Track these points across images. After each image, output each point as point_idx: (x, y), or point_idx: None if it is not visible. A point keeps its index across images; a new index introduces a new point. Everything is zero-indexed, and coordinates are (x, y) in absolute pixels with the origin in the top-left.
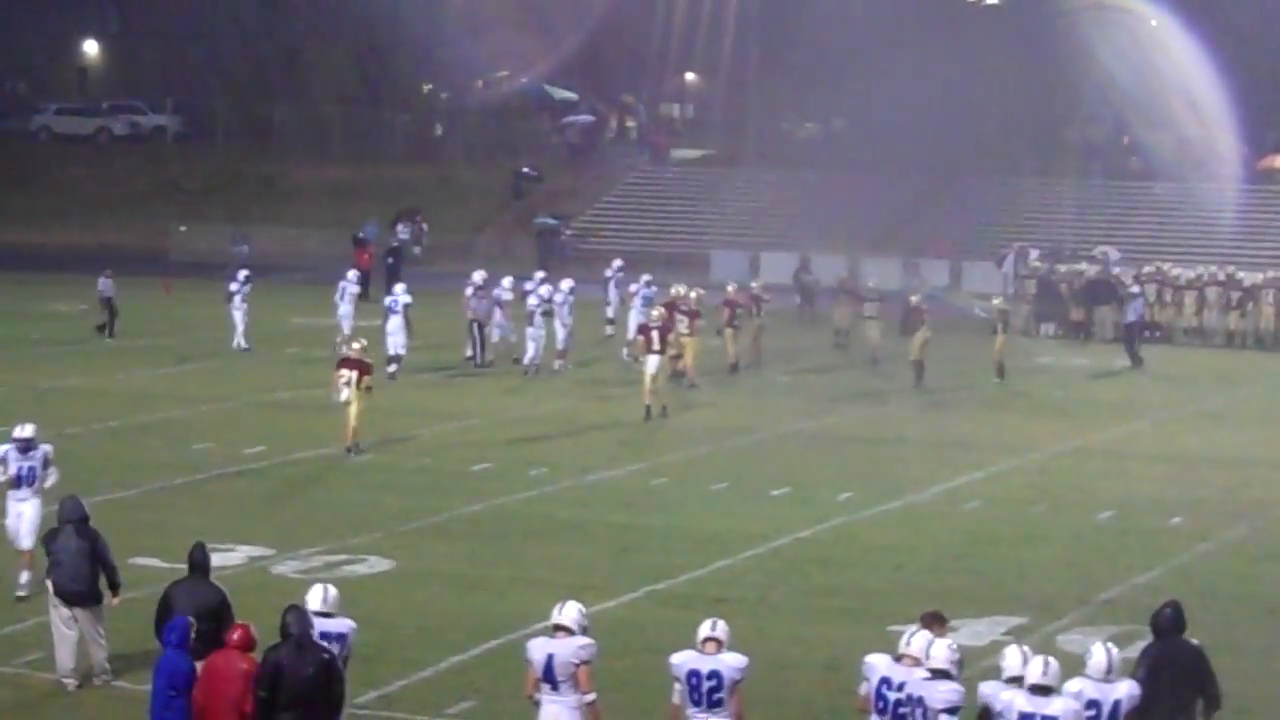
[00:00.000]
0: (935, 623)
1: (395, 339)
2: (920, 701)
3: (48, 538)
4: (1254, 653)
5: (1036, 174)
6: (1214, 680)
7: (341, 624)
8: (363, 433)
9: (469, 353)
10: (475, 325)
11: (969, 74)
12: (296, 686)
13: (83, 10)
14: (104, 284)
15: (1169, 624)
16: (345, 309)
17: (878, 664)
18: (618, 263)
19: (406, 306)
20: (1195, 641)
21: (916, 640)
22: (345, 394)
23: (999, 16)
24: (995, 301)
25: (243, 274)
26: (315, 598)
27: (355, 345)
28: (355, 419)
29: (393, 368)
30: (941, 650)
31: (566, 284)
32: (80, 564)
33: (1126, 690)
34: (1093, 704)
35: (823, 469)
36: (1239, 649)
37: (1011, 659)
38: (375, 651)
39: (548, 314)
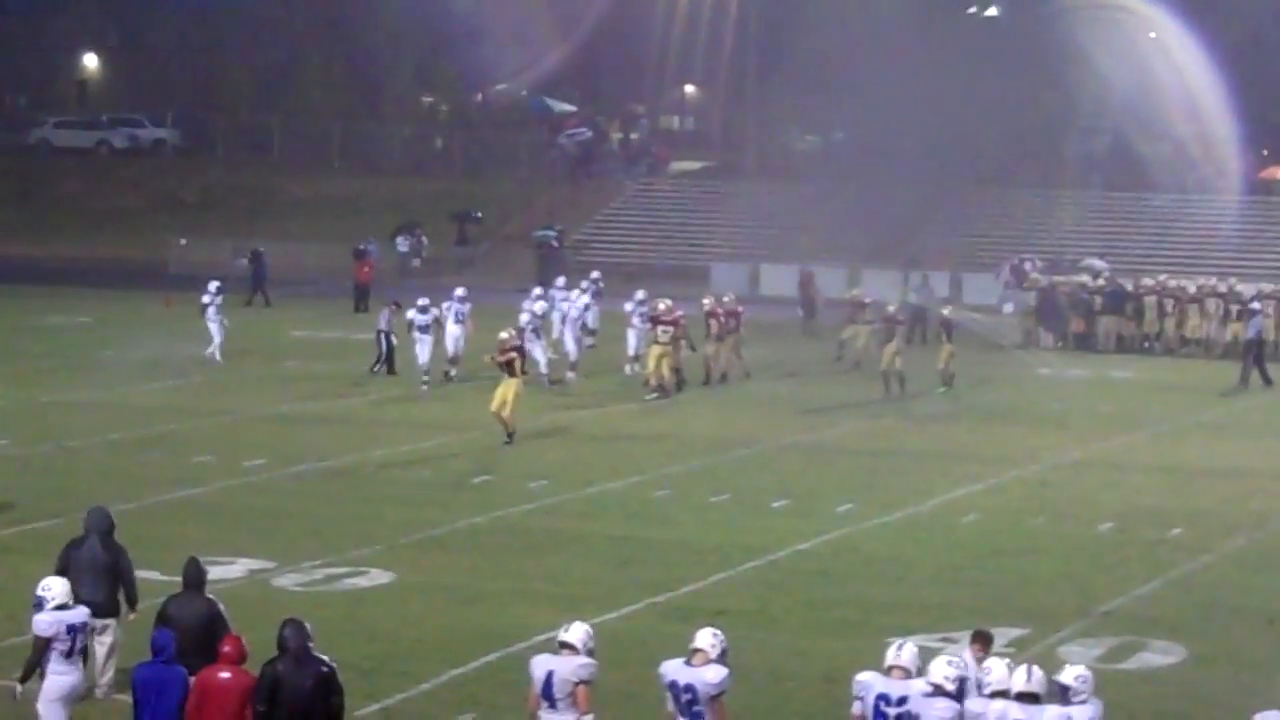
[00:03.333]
0: (982, 642)
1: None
2: (917, 719)
3: (68, 546)
4: (1253, 664)
5: (1036, 185)
6: None
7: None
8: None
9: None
10: (382, 335)
11: (968, 85)
12: (295, 700)
13: (82, 24)
14: (385, 316)
15: None
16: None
17: (872, 682)
18: (595, 274)
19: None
20: None
21: (905, 652)
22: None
23: (997, 28)
24: (945, 311)
25: (214, 285)
26: None
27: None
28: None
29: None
30: (941, 667)
31: (582, 300)
32: (100, 576)
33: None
34: None
35: (823, 481)
36: (1238, 660)
37: (997, 672)
38: (375, 664)
39: (535, 330)
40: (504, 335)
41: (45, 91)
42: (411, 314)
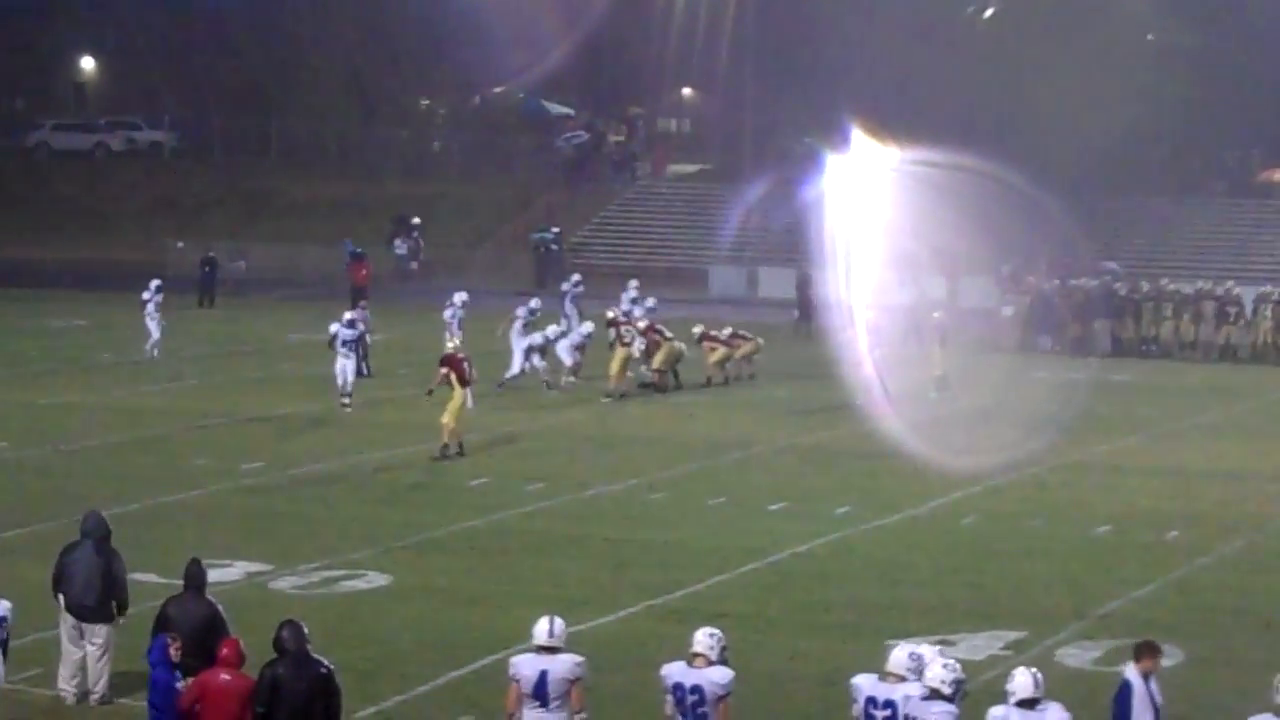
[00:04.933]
0: (1148, 653)
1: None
2: None
3: (64, 550)
4: (1251, 666)
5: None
6: None
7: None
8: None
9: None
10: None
11: (968, 85)
12: (294, 701)
13: (80, 26)
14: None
15: None
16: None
17: (863, 684)
18: (575, 277)
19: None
20: None
21: (899, 656)
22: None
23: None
24: (935, 315)
25: (155, 283)
26: None
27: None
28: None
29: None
30: (937, 670)
31: (586, 327)
32: (94, 580)
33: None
34: None
35: (820, 483)
36: (1236, 662)
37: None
38: (373, 666)
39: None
40: (450, 345)
41: (43, 94)
42: (335, 327)
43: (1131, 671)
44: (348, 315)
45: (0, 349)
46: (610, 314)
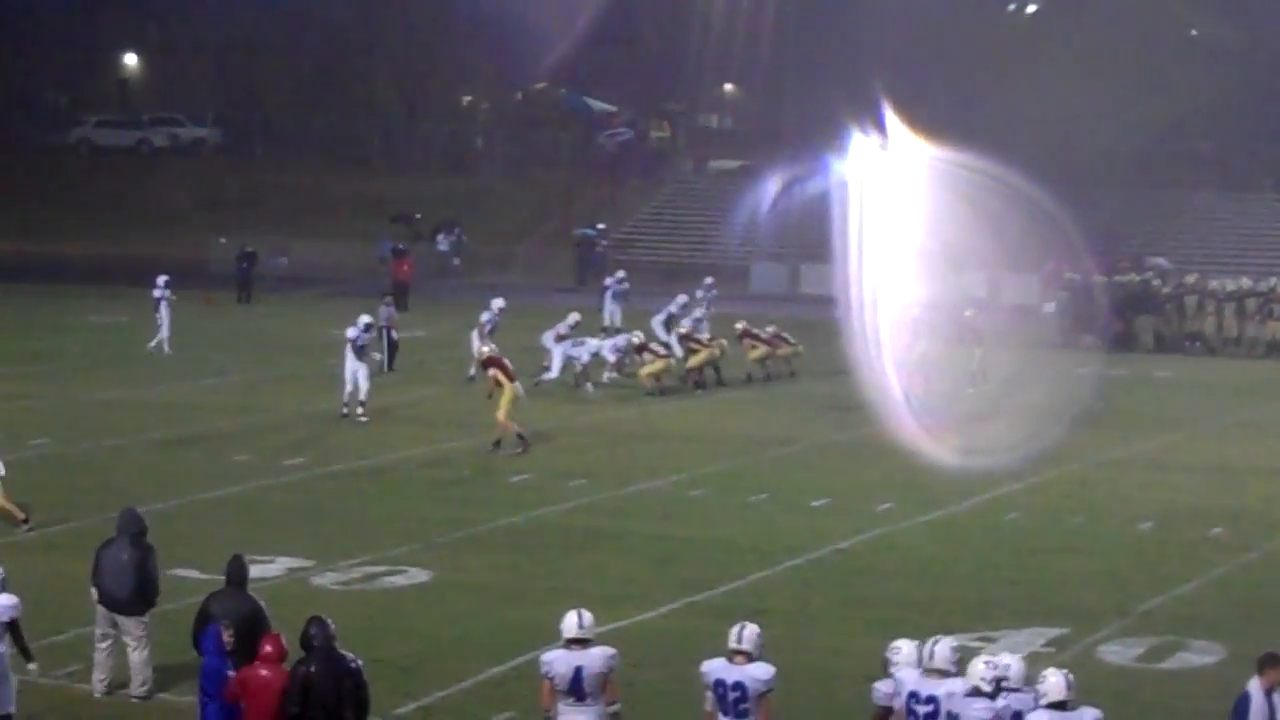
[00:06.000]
0: (1272, 666)
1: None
2: (956, 718)
3: (101, 546)
4: None
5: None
6: None
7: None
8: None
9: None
10: (383, 331)
11: (1010, 82)
12: (325, 699)
13: (122, 23)
14: (385, 313)
15: None
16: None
17: (907, 679)
18: (620, 273)
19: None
20: None
21: (940, 651)
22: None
23: (1040, 25)
24: (968, 313)
25: (163, 279)
26: None
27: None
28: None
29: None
30: (979, 668)
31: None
32: (127, 573)
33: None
34: None
35: (862, 479)
36: None
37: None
38: (414, 662)
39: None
40: (485, 350)
41: (86, 91)
42: (352, 332)
43: (1254, 685)
44: (364, 318)
45: (42, 345)
46: (683, 329)
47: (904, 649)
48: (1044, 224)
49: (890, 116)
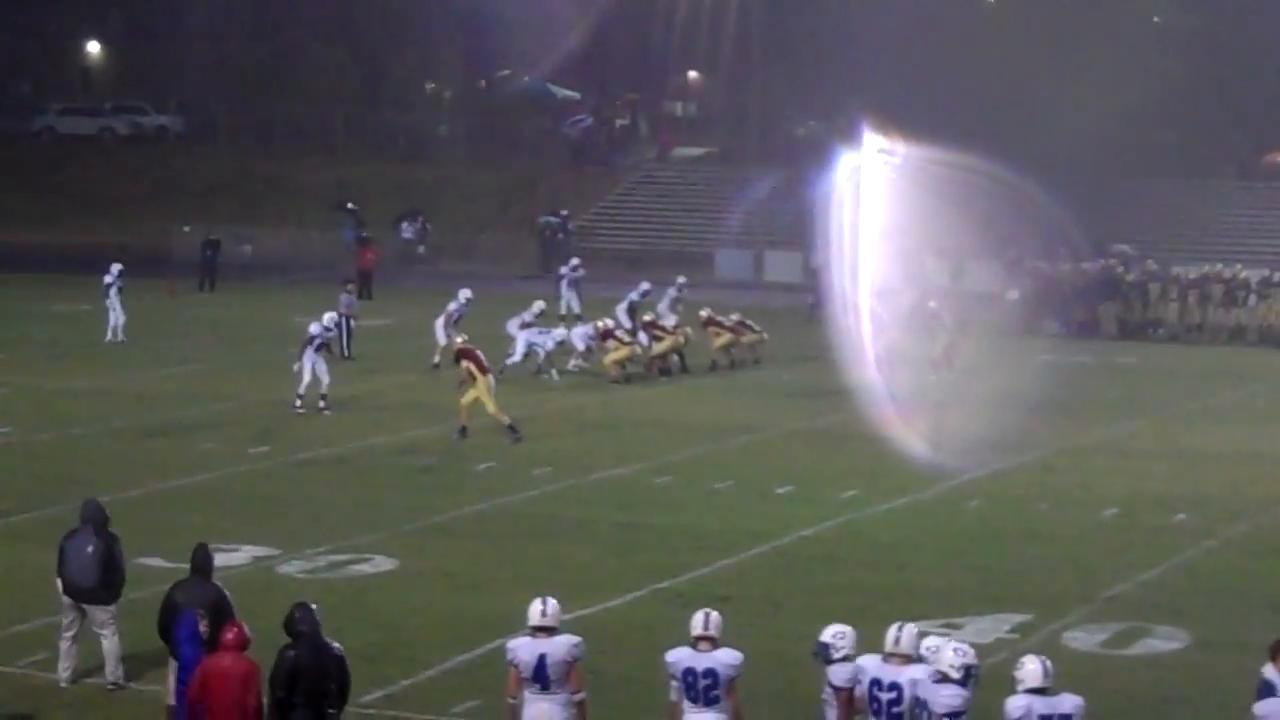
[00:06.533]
0: None
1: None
2: (925, 704)
3: (65, 537)
4: (1257, 649)
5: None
6: None
7: None
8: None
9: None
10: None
11: (972, 70)
12: (311, 684)
13: (85, 11)
14: (346, 300)
15: None
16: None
17: (868, 665)
18: (575, 261)
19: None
20: None
21: (905, 637)
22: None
23: (1002, 13)
24: (931, 304)
25: (116, 268)
26: None
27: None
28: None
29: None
30: (947, 654)
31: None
32: (91, 563)
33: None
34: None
35: (827, 467)
36: (1244, 646)
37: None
38: (379, 651)
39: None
40: (458, 341)
41: (49, 78)
42: (315, 329)
43: (1270, 671)
44: (328, 315)
45: (6, 334)
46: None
47: (848, 635)
48: (1007, 211)
49: (854, 105)
